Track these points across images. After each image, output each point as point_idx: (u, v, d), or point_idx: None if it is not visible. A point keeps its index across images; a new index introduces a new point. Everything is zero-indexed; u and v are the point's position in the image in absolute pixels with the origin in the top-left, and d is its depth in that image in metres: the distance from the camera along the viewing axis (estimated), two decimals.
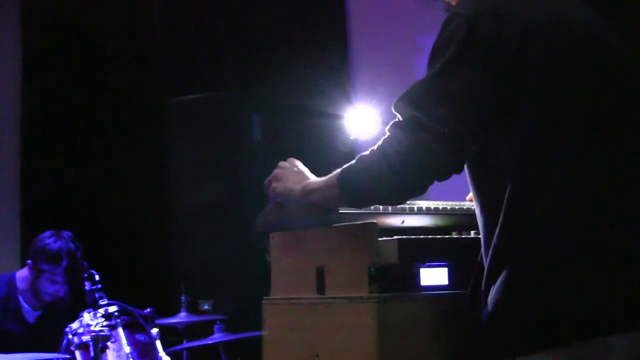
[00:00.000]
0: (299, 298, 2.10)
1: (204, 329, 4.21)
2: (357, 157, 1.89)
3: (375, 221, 1.99)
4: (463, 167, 1.87)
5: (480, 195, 1.85)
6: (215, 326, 4.05)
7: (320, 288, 2.05)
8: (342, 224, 2.04)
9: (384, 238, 1.98)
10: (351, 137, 3.75)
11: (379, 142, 1.85)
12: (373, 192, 1.87)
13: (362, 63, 5.22)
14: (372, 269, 1.93)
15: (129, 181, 5.52)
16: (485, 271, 1.80)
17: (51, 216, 5.50)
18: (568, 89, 1.72)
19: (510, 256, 1.73)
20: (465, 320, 1.99)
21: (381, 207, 2.12)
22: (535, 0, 1.80)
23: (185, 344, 4.17)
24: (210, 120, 5.37)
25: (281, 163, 2.14)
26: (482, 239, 1.85)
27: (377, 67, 5.02)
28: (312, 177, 2.07)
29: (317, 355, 2.03)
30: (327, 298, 2.03)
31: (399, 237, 1.97)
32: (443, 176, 1.84)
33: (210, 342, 3.96)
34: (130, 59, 5.70)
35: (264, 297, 2.21)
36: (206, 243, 5.07)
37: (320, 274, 2.05)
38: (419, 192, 1.86)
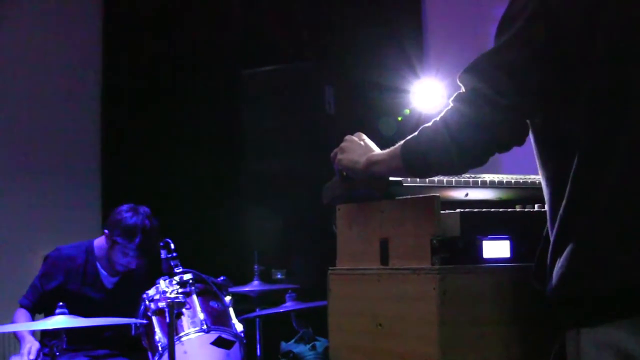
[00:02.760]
0: (363, 269, 2.16)
1: (276, 297, 4.27)
2: (419, 129, 1.94)
3: (438, 194, 2.02)
4: (524, 140, 1.89)
5: (546, 168, 1.87)
6: (287, 295, 4.10)
7: (384, 259, 2.10)
8: (406, 196, 2.08)
9: (447, 211, 2.01)
10: (409, 111, 3.76)
11: (442, 114, 1.89)
12: (435, 162, 1.92)
13: (435, 38, 5.20)
14: (434, 241, 1.96)
15: (205, 151, 5.62)
16: (551, 244, 1.82)
17: (129, 184, 5.68)
18: (635, 60, 1.71)
19: (577, 228, 1.74)
20: (527, 293, 2.02)
21: (445, 179, 2.17)
22: None
23: (258, 312, 4.23)
24: (285, 91, 5.41)
25: (347, 136, 2.19)
26: (547, 212, 1.86)
27: (451, 42, 5.00)
28: (377, 150, 2.12)
29: (380, 325, 2.09)
30: (391, 269, 2.08)
31: (462, 209, 2.00)
32: (503, 148, 1.88)
33: (281, 310, 4.01)
34: (211, 31, 5.80)
35: (330, 268, 2.27)
36: (280, 213, 5.12)
37: (384, 245, 2.10)
38: (479, 162, 1.90)
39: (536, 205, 2.19)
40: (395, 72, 4.79)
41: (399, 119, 3.91)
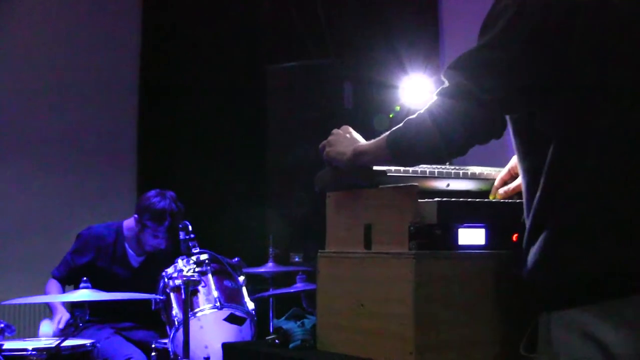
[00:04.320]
0: (348, 252, 2.17)
1: (290, 279, 4.30)
2: (404, 121, 1.95)
3: (416, 184, 2.03)
4: (502, 133, 1.89)
5: (523, 159, 1.88)
6: (298, 276, 4.13)
7: (367, 244, 2.10)
8: (388, 185, 2.08)
9: (426, 200, 2.02)
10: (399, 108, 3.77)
11: (426, 106, 1.90)
12: (421, 152, 1.93)
13: (451, 39, 5.18)
14: (412, 227, 1.97)
15: (230, 141, 5.67)
16: (526, 231, 1.83)
17: (161, 170, 5.74)
18: (608, 61, 1.72)
19: (550, 217, 1.75)
20: (501, 278, 2.03)
21: (427, 170, 2.17)
22: None
23: (271, 292, 4.27)
24: (307, 86, 5.42)
25: (334, 130, 2.21)
26: (524, 202, 1.87)
27: (467, 44, 4.98)
28: (363, 142, 2.13)
29: (362, 305, 2.10)
30: (373, 253, 2.09)
31: (439, 199, 2.01)
32: (482, 140, 1.89)
33: (292, 291, 4.05)
34: (238, 29, 5.84)
35: (319, 251, 2.28)
36: (299, 200, 5.13)
37: (367, 230, 2.10)
38: (460, 153, 1.91)
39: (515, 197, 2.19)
40: (411, 70, 4.79)
41: (391, 115, 3.90)
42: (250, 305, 3.88)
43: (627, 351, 1.64)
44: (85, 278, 3.68)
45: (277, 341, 2.28)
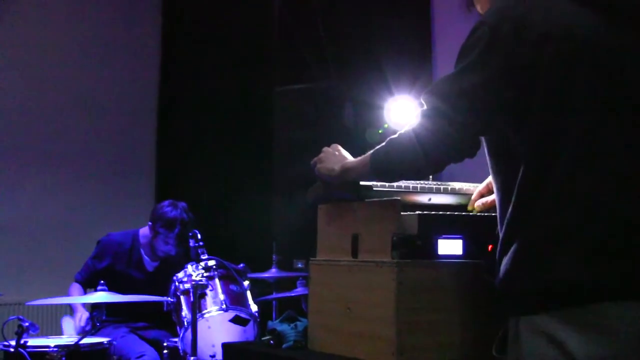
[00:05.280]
0: (337, 260, 2.18)
1: (292, 284, 4.29)
2: (387, 140, 1.95)
3: (399, 198, 2.04)
4: (475, 153, 1.89)
5: (497, 178, 1.88)
6: (298, 282, 4.13)
7: (354, 252, 2.11)
8: (374, 199, 2.09)
9: (408, 212, 2.02)
10: (387, 125, 3.77)
11: (407, 127, 1.90)
12: (400, 167, 1.93)
13: (443, 63, 5.18)
14: (395, 238, 1.97)
15: (241, 156, 5.68)
16: (499, 244, 1.82)
17: (177, 182, 5.76)
18: (575, 86, 1.71)
19: (519, 230, 1.75)
20: (478, 285, 2.03)
21: (411, 185, 2.17)
22: (552, 10, 1.79)
23: (273, 295, 4.27)
24: (311, 106, 5.44)
25: (325, 148, 2.22)
26: (498, 216, 1.87)
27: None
28: (351, 159, 2.13)
29: (349, 309, 2.10)
30: (359, 261, 2.09)
31: (420, 212, 2.01)
32: (457, 158, 1.88)
33: (293, 295, 4.04)
34: (249, 54, 5.87)
35: (311, 258, 2.28)
36: (304, 212, 5.12)
37: (354, 240, 2.11)
38: (437, 170, 1.93)
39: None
40: (408, 92, 4.79)
41: (380, 131, 3.90)
42: (254, 307, 3.87)
43: (587, 355, 1.64)
44: (102, 281, 3.69)
45: (271, 342, 2.28)
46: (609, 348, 1.63)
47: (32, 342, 3.60)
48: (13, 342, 3.50)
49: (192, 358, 3.53)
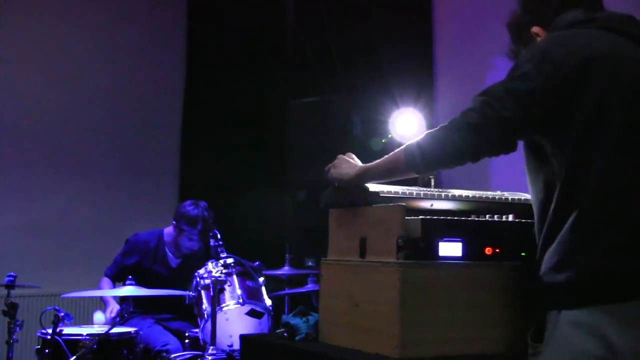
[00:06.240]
0: (346, 260, 2.16)
1: (303, 281, 4.28)
2: (424, 134, 1.93)
3: (404, 203, 2.03)
4: (510, 151, 1.87)
5: (536, 179, 1.86)
6: (309, 278, 4.12)
7: (362, 253, 2.10)
8: (380, 205, 2.08)
9: (412, 217, 2.01)
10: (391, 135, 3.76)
11: (449, 121, 1.88)
12: (436, 155, 1.89)
13: (444, 79, 5.17)
14: (399, 240, 1.96)
15: (258, 165, 5.67)
16: (541, 241, 1.81)
17: (199, 186, 5.76)
18: (612, 105, 1.74)
19: (562, 227, 1.74)
20: (475, 284, 2.02)
21: (414, 192, 2.16)
22: (597, 41, 1.82)
23: (286, 291, 4.26)
24: (323, 117, 5.43)
25: (339, 155, 2.21)
26: (536, 215, 1.86)
27: (458, 83, 4.97)
28: (360, 164, 2.13)
29: (357, 305, 2.09)
30: (366, 261, 2.08)
31: (423, 217, 2.00)
32: (494, 151, 1.86)
33: (303, 291, 4.03)
34: (266, 70, 5.88)
35: (322, 258, 2.27)
36: (316, 215, 5.11)
37: (362, 242, 2.10)
38: (474, 159, 1.88)
39: (487, 216, 2.18)
40: (409, 103, 4.79)
41: (383, 140, 3.90)
42: (268, 302, 3.87)
43: (631, 350, 1.63)
44: (130, 276, 3.70)
45: (285, 334, 2.27)
46: None
47: (66, 330, 3.63)
48: (50, 330, 3.52)
49: (211, 347, 3.54)
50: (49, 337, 3.53)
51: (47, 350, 3.54)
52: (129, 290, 3.65)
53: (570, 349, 1.69)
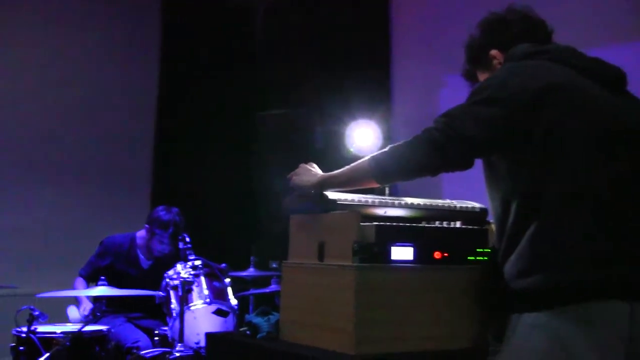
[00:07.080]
0: (306, 263, 2.14)
1: (267, 281, 4.25)
2: (389, 147, 1.94)
3: (359, 211, 2.02)
4: (468, 167, 1.88)
5: (496, 193, 1.88)
6: (272, 280, 4.10)
7: (321, 257, 2.08)
8: (338, 211, 2.07)
9: (367, 223, 2.00)
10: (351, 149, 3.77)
11: (415, 136, 1.88)
12: (399, 167, 1.91)
13: (400, 94, 5.19)
14: (355, 245, 1.95)
15: (227, 173, 5.63)
16: (501, 252, 1.84)
17: (170, 191, 5.70)
18: (567, 127, 1.76)
19: (521, 238, 1.76)
20: (422, 283, 2.01)
21: (369, 200, 2.15)
22: (551, 70, 1.86)
23: (250, 291, 4.23)
24: (288, 129, 5.42)
25: (301, 164, 2.20)
26: (496, 226, 1.89)
27: (414, 98, 5.00)
28: (321, 173, 2.12)
29: (315, 305, 2.07)
30: (325, 264, 2.07)
31: (377, 223, 1.99)
32: (453, 167, 1.87)
33: (267, 291, 4.00)
34: (236, 84, 5.85)
35: (283, 261, 2.25)
36: (280, 219, 5.08)
37: (321, 247, 2.08)
38: (433, 173, 1.90)
39: (436, 222, 2.18)
40: (368, 116, 4.81)
41: (348, 153, 3.91)
42: (234, 301, 3.84)
43: (582, 348, 1.66)
44: (102, 277, 3.64)
45: (248, 332, 2.24)
46: (604, 339, 1.66)
47: (41, 328, 3.55)
48: (24, 329, 3.44)
49: (179, 344, 3.49)
50: (23, 335, 3.45)
51: (21, 348, 3.46)
52: (102, 290, 3.59)
53: (530, 349, 1.72)
